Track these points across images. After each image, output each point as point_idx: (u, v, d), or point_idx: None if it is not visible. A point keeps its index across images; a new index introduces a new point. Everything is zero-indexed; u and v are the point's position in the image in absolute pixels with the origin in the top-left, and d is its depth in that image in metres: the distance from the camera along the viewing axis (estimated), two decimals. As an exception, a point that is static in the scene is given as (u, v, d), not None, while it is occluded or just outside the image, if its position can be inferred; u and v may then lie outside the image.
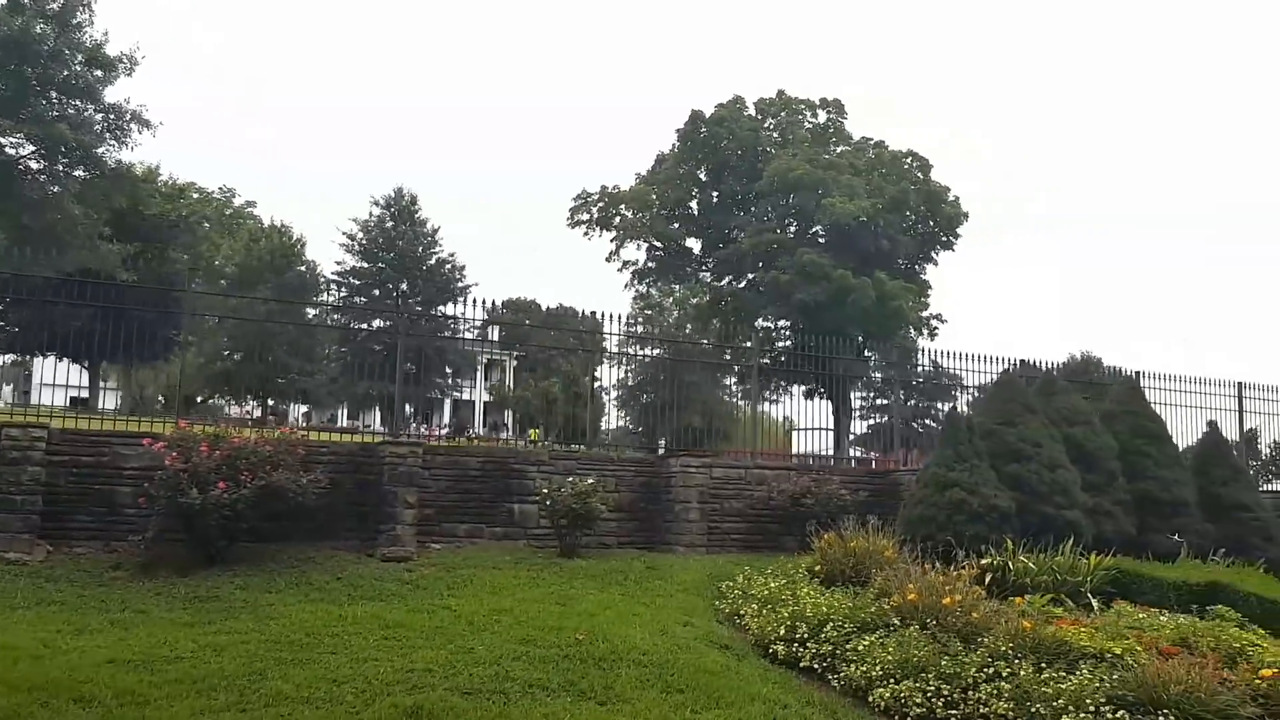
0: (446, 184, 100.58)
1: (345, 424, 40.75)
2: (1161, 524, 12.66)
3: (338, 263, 45.71)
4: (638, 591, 10.89)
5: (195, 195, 54.10)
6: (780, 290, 37.58)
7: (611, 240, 44.83)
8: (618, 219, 44.10)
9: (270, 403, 45.05)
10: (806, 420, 35.27)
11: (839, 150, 43.55)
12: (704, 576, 11.64)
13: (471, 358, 46.41)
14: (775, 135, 44.20)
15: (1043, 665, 8.02)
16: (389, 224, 45.04)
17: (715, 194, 43.94)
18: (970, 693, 7.81)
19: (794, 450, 22.13)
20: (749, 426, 25.61)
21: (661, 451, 16.09)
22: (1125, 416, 13.50)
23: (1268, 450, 26.62)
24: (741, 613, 10.10)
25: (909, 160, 42.47)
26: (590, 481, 12.62)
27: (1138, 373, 22.08)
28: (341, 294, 43.33)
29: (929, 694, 7.84)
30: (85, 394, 31.81)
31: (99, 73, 32.03)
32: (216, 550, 10.78)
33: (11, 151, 31.01)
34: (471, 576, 11.08)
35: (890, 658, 8.30)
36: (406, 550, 11.84)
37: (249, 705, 6.86)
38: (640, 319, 48.93)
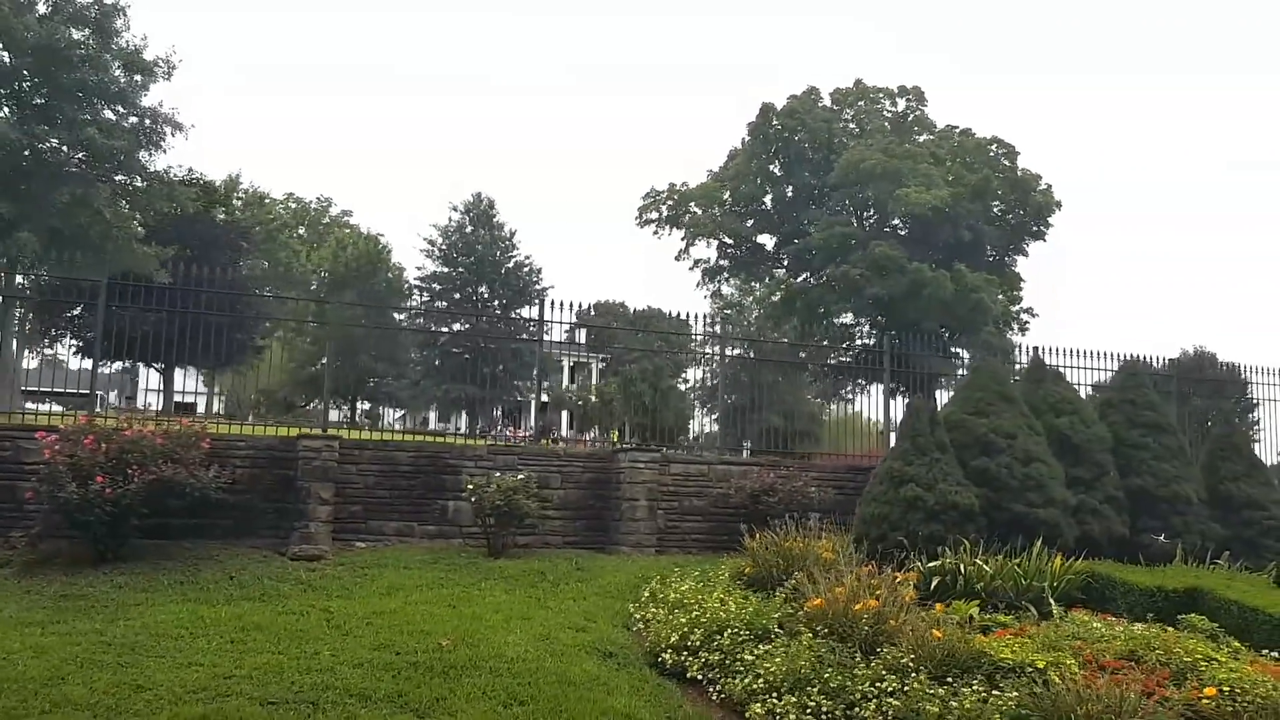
0: (517, 185, 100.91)
1: (436, 427, 41.57)
2: (1158, 523, 11.51)
3: (418, 268, 47.32)
4: (549, 594, 10.22)
5: (278, 203, 56.30)
6: (853, 285, 36.51)
7: (682, 239, 44.45)
8: (687, 217, 43.63)
9: (366, 406, 46.62)
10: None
11: (922, 139, 42.23)
12: (633, 578, 10.91)
13: (556, 360, 46.99)
14: (853, 126, 43.21)
15: (948, 680, 7.17)
16: (468, 229, 46.21)
17: (790, 189, 42.96)
18: (855, 709, 6.98)
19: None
20: (835, 427, 24.91)
21: (666, 450, 15.35)
22: (1122, 406, 12.34)
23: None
24: (647, 618, 9.36)
25: (994, 147, 40.80)
26: (521, 477, 12.00)
27: (1236, 365, 20.76)
28: (424, 299, 44.72)
29: (808, 710, 7.02)
30: (189, 399, 32.75)
31: (138, 77, 32.75)
32: (106, 547, 10.45)
33: (49, 158, 31.81)
34: (376, 576, 10.57)
35: (776, 669, 7.50)
36: (319, 549, 11.38)
37: (26, 712, 6.40)
38: (719, 319, 48.91)
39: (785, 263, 43.43)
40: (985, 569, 9.80)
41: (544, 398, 54.39)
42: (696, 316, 15.25)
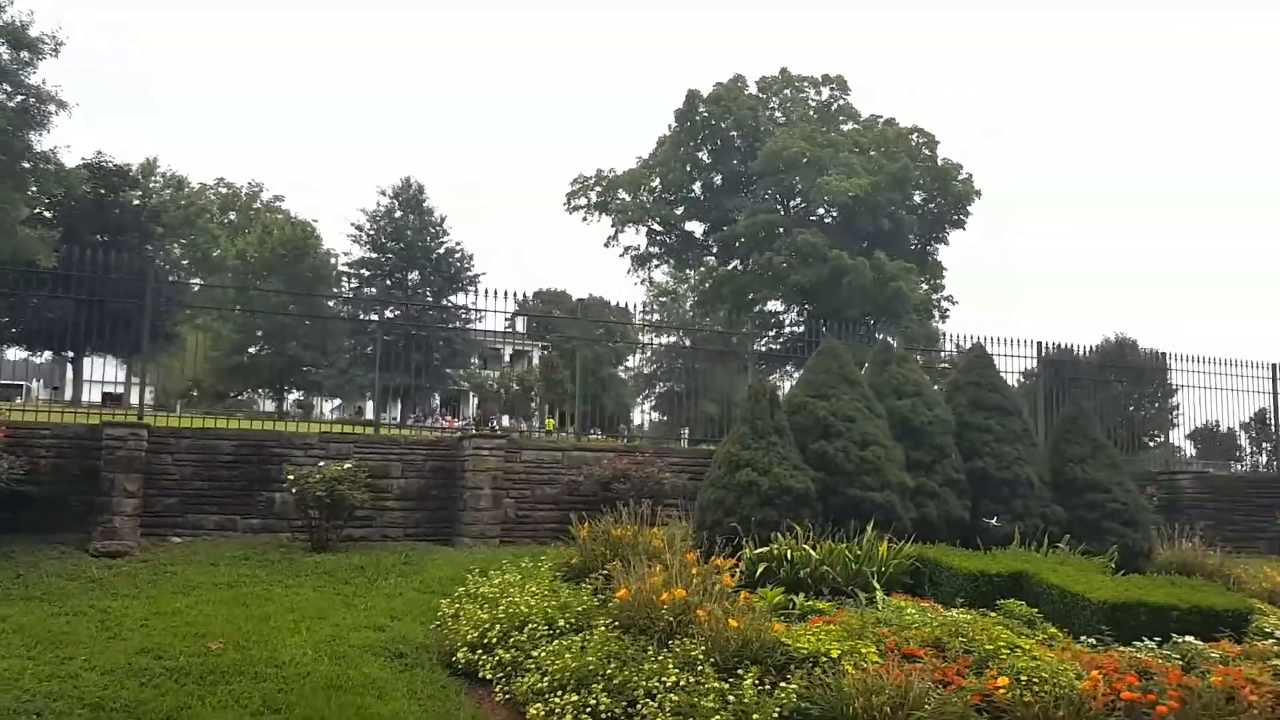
0: (446, 171, 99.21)
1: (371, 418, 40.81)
2: (999, 506, 11.49)
3: (345, 254, 47.13)
4: (361, 591, 9.78)
5: (209, 187, 54.81)
6: (778, 273, 36.87)
7: (611, 225, 44.72)
8: (616, 203, 43.78)
9: (299, 395, 45.50)
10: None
11: (848, 128, 43.01)
12: (460, 571, 10.49)
13: (494, 349, 46.64)
14: (779, 114, 43.87)
15: (738, 671, 6.94)
16: (398, 214, 45.86)
17: (718, 176, 43.50)
18: (636, 706, 6.70)
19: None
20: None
21: (518, 436, 15.00)
22: (968, 388, 12.31)
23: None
24: (456, 614, 8.98)
25: (915, 136, 41.50)
26: (347, 466, 11.52)
27: (1164, 354, 21.65)
28: (353, 285, 44.58)
29: (588, 709, 6.72)
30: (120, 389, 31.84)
31: (24, 53, 31.20)
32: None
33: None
34: (177, 574, 10.00)
35: (564, 666, 7.19)
36: (123, 545, 10.76)
37: None
38: (654, 307, 49.09)
39: (715, 250, 43.80)
40: (812, 554, 9.64)
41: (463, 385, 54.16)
42: (635, 305, 15.07)
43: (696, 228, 44.92)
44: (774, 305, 41.34)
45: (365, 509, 11.58)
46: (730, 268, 41.98)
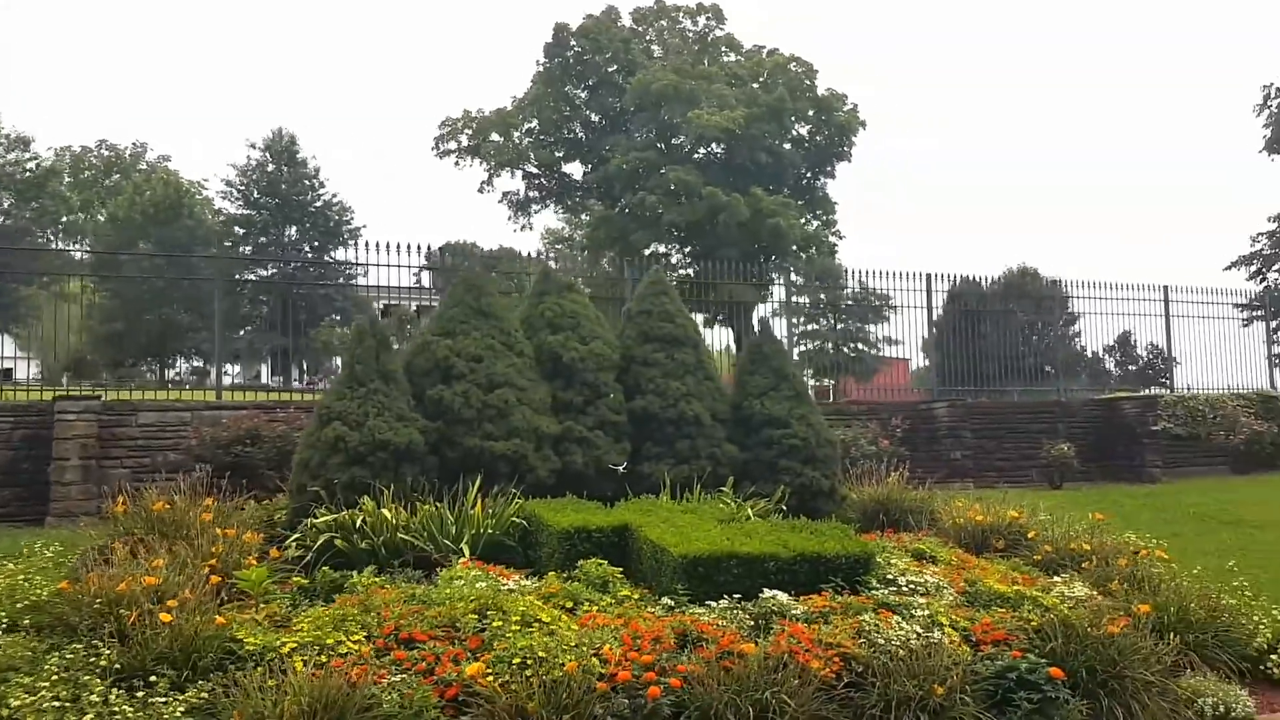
0: (317, 119, 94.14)
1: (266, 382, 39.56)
2: (663, 449, 10.58)
3: (217, 212, 45.95)
4: None
5: (89, 150, 51.81)
6: (653, 213, 36.08)
7: (485, 170, 43.31)
8: (489, 147, 42.35)
9: (197, 364, 43.13)
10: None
11: (732, 59, 42.27)
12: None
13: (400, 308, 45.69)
14: (655, 48, 42.73)
15: (152, 679, 5.76)
16: (270, 167, 44.59)
17: (595, 115, 42.27)
18: (-7, 732, 5.47)
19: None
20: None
21: (133, 396, 13.45)
22: (639, 318, 11.31)
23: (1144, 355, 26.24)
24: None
25: (793, 65, 40.49)
26: None
27: (1055, 281, 22.18)
28: (226, 244, 42.86)
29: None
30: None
31: None
32: None
33: None
34: None
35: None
36: None
37: None
38: (551, 255, 47.81)
39: (597, 192, 42.86)
40: (389, 519, 8.52)
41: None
42: (539, 253, 13.79)
43: (578, 170, 43.92)
44: (660, 248, 40.52)
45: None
46: (614, 210, 40.98)
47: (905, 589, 7.85)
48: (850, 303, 25.37)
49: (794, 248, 37.28)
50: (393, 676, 5.87)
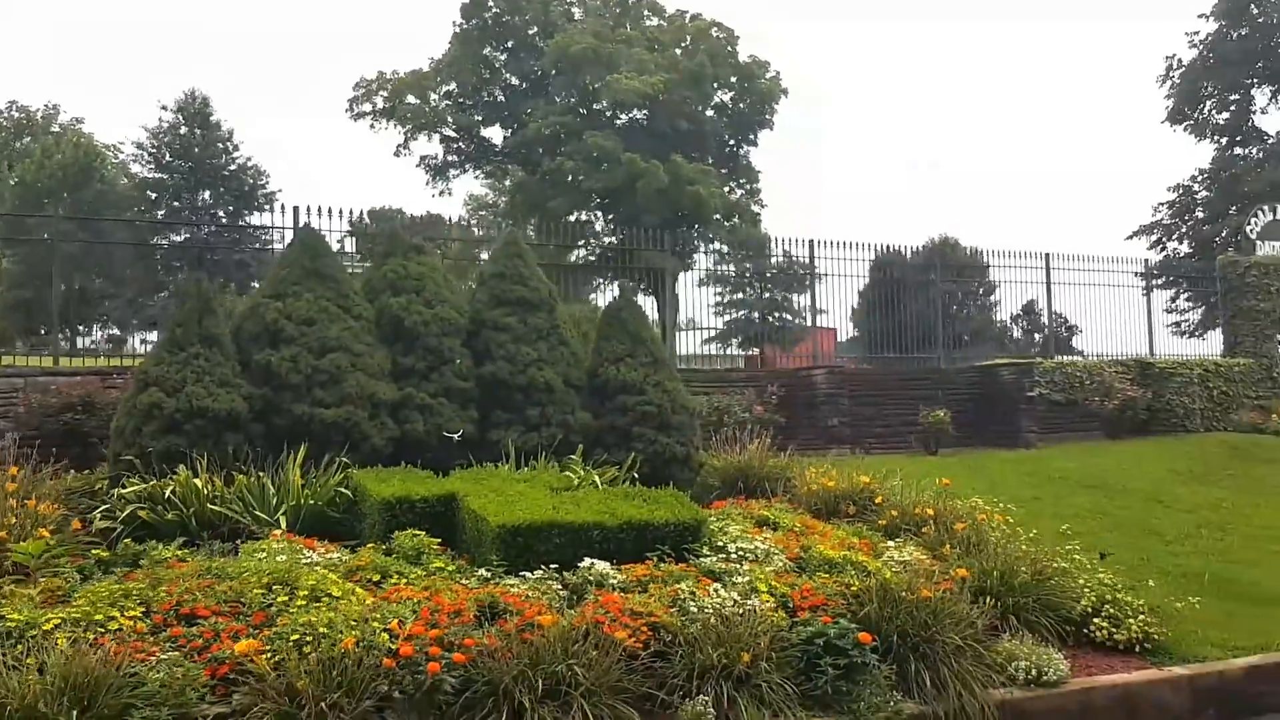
0: (226, 85, 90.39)
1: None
2: (513, 416, 10.36)
3: (128, 176, 44.69)
4: None
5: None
6: (571, 178, 35.88)
7: (402, 133, 42.30)
8: (405, 109, 41.32)
9: (115, 332, 41.62)
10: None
11: (654, 24, 41.65)
12: None
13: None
14: (576, 10, 41.83)
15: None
16: (182, 130, 43.51)
17: (515, 78, 41.44)
18: None
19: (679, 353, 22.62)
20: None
21: None
22: (491, 281, 11.04)
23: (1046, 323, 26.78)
24: None
25: (715, 31, 40.09)
26: None
27: (978, 250, 22.51)
28: (138, 209, 41.96)
29: None
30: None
31: None
32: None
33: None
34: None
35: None
36: None
37: None
38: (477, 221, 46.81)
39: (518, 157, 41.96)
40: (202, 490, 8.18)
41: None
42: (462, 219, 13.18)
43: (498, 134, 43.13)
44: (584, 216, 40.14)
45: None
46: (533, 176, 40.36)
47: (734, 556, 7.79)
48: (774, 271, 25.48)
49: (716, 216, 37.30)
50: (164, 654, 5.59)
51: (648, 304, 28.26)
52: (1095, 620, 7.81)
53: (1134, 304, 21.75)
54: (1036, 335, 28.64)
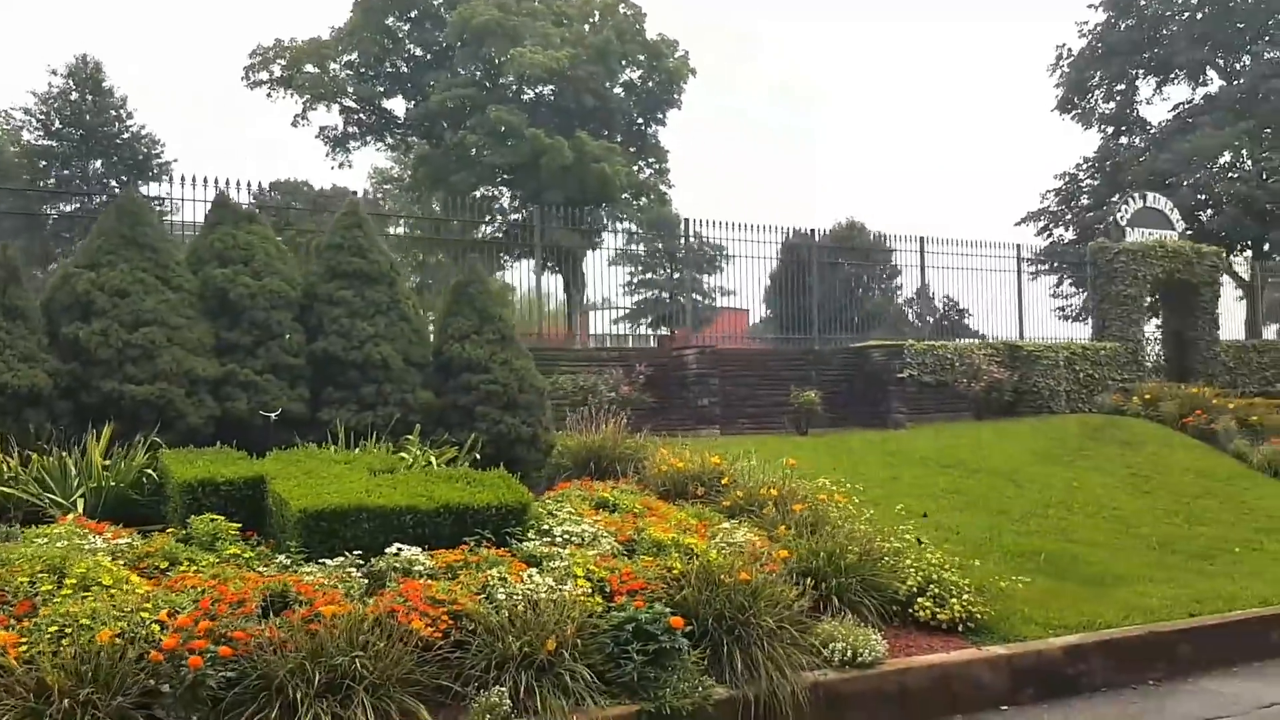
0: (119, 49, 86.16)
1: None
2: (347, 395, 9.99)
3: (16, 143, 41.71)
4: None
5: None
6: (476, 153, 35.21)
7: (299, 102, 40.74)
8: (303, 78, 39.83)
9: None
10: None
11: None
12: None
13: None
14: None
15: None
16: (73, 96, 41.24)
17: (417, 49, 40.36)
18: None
19: (591, 332, 23.14)
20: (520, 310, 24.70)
21: None
22: (326, 253, 10.62)
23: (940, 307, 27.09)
24: None
25: (622, 8, 39.64)
26: None
27: (882, 234, 22.90)
28: (28, 178, 39.38)
29: None
30: None
31: None
32: None
33: None
34: None
35: None
36: None
37: None
38: (381, 195, 45.15)
39: (420, 129, 41.11)
40: (-4, 474, 7.67)
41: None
42: (365, 193, 12.36)
43: (400, 106, 42.16)
44: (488, 191, 39.45)
45: None
46: (438, 149, 39.50)
47: (559, 540, 7.59)
48: (684, 252, 25.43)
49: (624, 195, 37.25)
50: None
51: (556, 282, 28.08)
52: (919, 600, 7.82)
53: (1010, 287, 22.20)
54: (931, 319, 29.14)
